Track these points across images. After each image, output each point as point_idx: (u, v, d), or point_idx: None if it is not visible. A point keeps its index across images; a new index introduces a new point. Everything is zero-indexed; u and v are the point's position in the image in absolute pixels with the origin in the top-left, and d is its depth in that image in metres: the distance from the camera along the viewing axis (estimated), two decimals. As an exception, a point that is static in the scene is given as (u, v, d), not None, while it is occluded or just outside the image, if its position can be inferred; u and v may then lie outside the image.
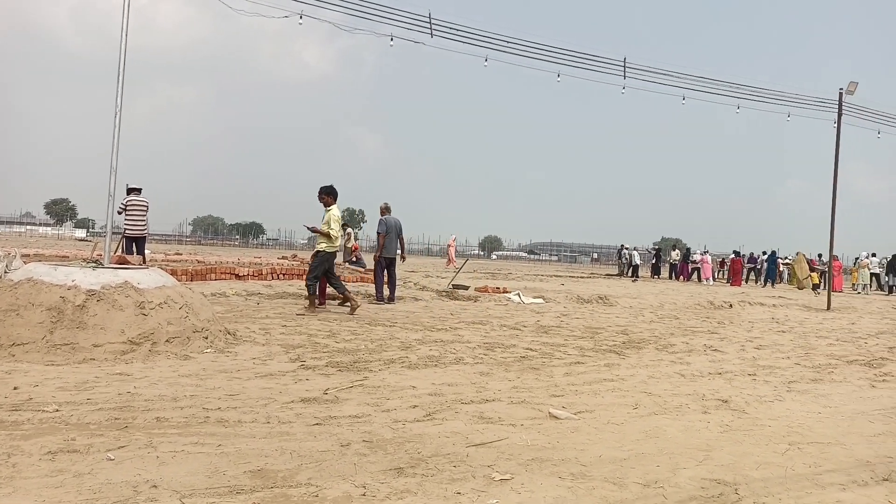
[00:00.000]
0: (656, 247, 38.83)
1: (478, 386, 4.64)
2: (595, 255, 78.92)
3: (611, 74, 16.34)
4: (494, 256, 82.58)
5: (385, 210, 11.13)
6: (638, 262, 32.06)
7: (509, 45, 14.60)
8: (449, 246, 31.71)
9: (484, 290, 13.80)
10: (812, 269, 28.15)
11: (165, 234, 59.99)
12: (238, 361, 5.08)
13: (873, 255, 27.96)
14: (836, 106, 16.18)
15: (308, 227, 9.49)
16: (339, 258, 17.31)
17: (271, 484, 2.57)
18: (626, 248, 33.77)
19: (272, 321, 7.47)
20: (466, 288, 14.05)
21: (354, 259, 17.11)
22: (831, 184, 15.89)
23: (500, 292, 13.59)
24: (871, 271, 27.63)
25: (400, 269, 17.79)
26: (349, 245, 17.58)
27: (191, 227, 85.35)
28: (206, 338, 5.55)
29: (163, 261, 13.03)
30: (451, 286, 14.30)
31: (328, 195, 9.17)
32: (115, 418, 3.35)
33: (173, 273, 10.76)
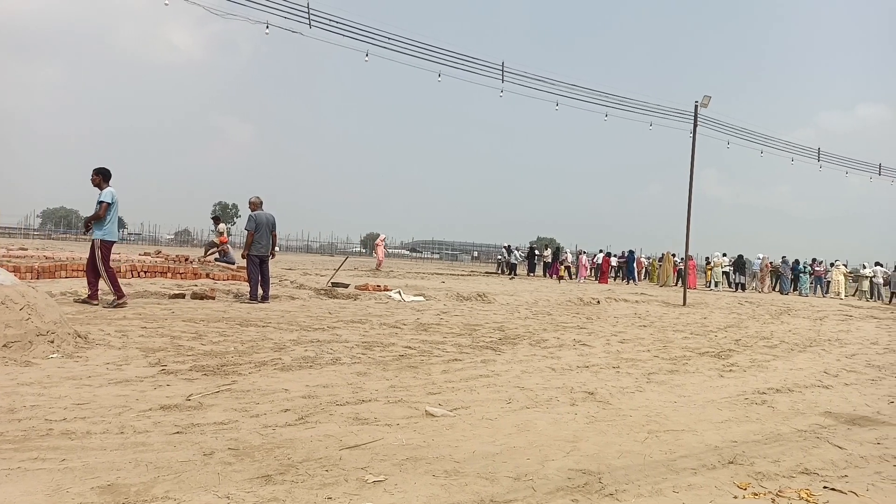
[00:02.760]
0: (532, 246, 40.32)
1: (354, 386, 4.55)
2: (476, 254, 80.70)
3: (490, 77, 16.77)
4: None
5: (256, 205, 10.64)
6: (515, 260, 33.15)
7: (391, 41, 14.58)
8: (377, 245, 29.63)
9: (364, 288, 13.66)
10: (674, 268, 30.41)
11: (9, 228, 54.02)
12: (89, 367, 4.66)
13: (724, 254, 30.67)
14: (693, 117, 17.58)
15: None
16: (206, 255, 16.53)
17: (122, 500, 2.36)
18: (507, 248, 34.76)
19: (130, 322, 6.94)
20: (346, 286, 13.85)
21: (222, 254, 16.30)
22: (687, 188, 17.24)
23: (380, 290, 13.52)
24: (722, 269, 30.28)
25: (276, 266, 17.23)
26: (216, 239, 16.76)
27: (40, 220, 77.93)
28: (53, 342, 5.04)
29: (3, 256, 11.73)
30: (329, 284, 14.04)
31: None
32: (-64, 436, 2.95)
33: (15, 271, 9.76)
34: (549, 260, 33.53)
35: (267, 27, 13.19)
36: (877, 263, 28.24)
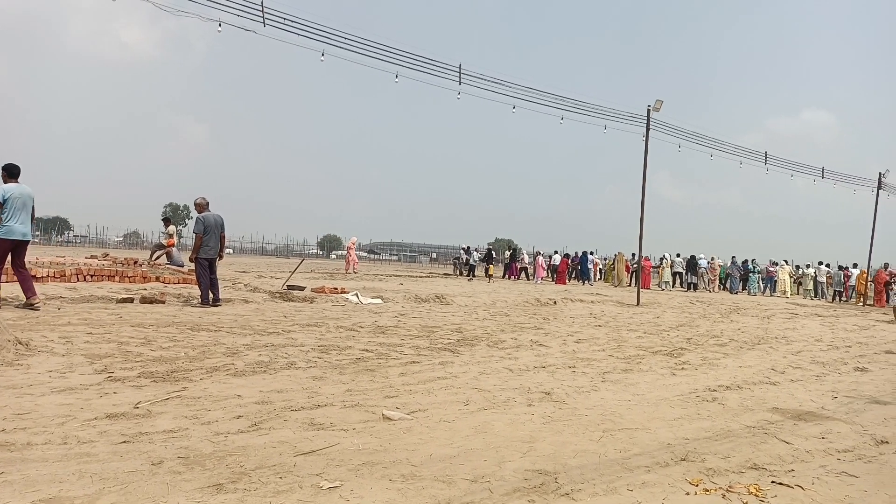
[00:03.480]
0: (489, 247, 40.54)
1: (310, 391, 4.48)
2: (434, 255, 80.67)
3: (447, 79, 16.76)
4: (334, 256, 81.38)
5: (203, 206, 10.32)
6: (474, 261, 33.26)
7: (347, 41, 14.44)
8: (348, 248, 28.82)
9: (321, 290, 13.50)
10: (627, 269, 30.98)
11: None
12: (31, 375, 4.46)
13: (677, 255, 31.39)
14: (645, 121, 17.95)
15: None
16: (158, 257, 16.10)
17: (64, 515, 2.26)
18: (466, 250, 34.80)
19: (75, 328, 6.69)
20: (302, 289, 13.66)
21: (169, 256, 15.88)
22: (640, 191, 17.58)
23: (337, 293, 13.38)
24: (675, 270, 30.99)
25: (229, 269, 16.93)
26: (165, 242, 16.33)
27: (-23, 222, 74.64)
28: (-8, 350, 4.82)
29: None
30: (285, 287, 13.83)
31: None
32: None
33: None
34: (507, 260, 33.78)
35: (220, 25, 12.91)
36: (820, 263, 29.32)
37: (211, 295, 10.01)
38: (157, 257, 16.06)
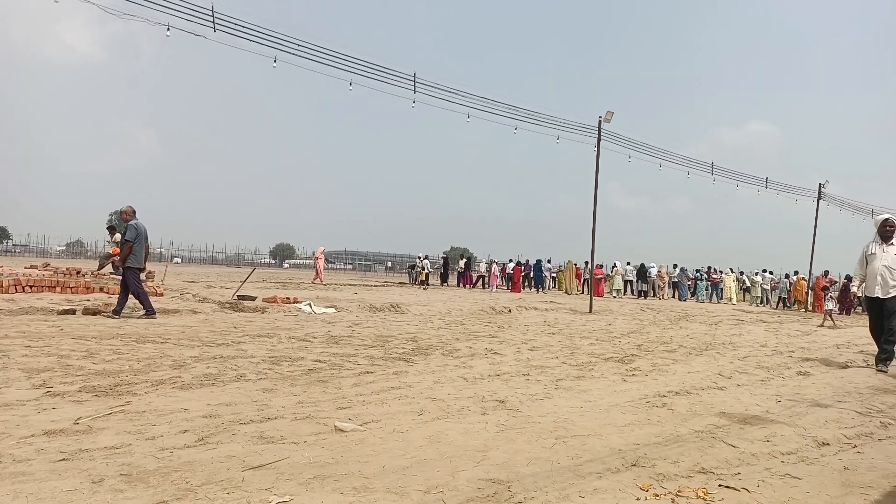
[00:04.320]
0: (445, 255, 40.63)
1: (260, 404, 4.38)
2: (389, 264, 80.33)
3: (402, 87, 16.78)
4: (286, 265, 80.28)
5: (131, 215, 9.98)
6: (428, 270, 33.25)
7: (300, 48, 14.31)
8: (317, 258, 28.30)
9: (273, 300, 13.27)
10: (577, 276, 31.47)
11: None
12: (-38, 392, 4.24)
13: (628, 263, 32.04)
14: (597, 132, 18.30)
15: None
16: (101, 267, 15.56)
17: (-7, 540, 2.14)
18: (423, 258, 34.78)
19: (12, 342, 6.40)
20: (253, 299, 13.40)
21: (116, 267, 15.35)
22: (592, 200, 17.89)
23: (290, 302, 13.18)
24: (626, 278, 31.61)
25: (178, 279, 16.59)
26: (111, 251, 15.81)
27: None
28: (-81, 366, 4.56)
29: None
30: (235, 297, 13.54)
31: None
32: None
33: None
34: (462, 269, 33.90)
35: (168, 29, 12.63)
36: (764, 270, 30.36)
37: (131, 304, 9.58)
38: (103, 266, 15.53)
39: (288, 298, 13.61)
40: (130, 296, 9.68)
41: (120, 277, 14.15)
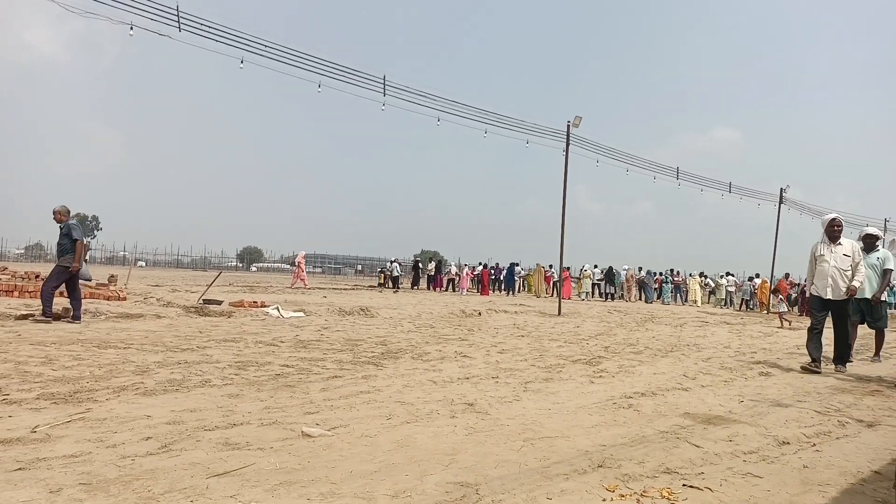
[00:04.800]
0: (416, 258, 40.58)
1: (225, 409, 4.31)
2: (359, 267, 79.86)
3: (372, 90, 16.74)
4: (254, 269, 79.34)
5: (66, 214, 9.62)
6: (398, 273, 33.19)
7: (268, 49, 14.18)
8: (298, 263, 27.96)
9: (240, 304, 13.10)
10: (546, 280, 31.73)
11: None
12: (-88, 401, 4.09)
13: (595, 266, 32.41)
14: (565, 136, 18.49)
15: None
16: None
17: (-57, 554, 2.07)
18: (394, 262, 34.68)
19: (-31, 349, 6.20)
20: (219, 303, 13.21)
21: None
22: (561, 203, 18.07)
23: (257, 307, 13.02)
24: (594, 281, 31.96)
25: (142, 282, 16.38)
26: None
27: None
28: None
29: None
30: (201, 301, 13.33)
31: None
32: None
33: None
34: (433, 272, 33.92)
35: (131, 28, 12.39)
36: (728, 273, 30.98)
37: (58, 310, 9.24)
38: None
39: (255, 302, 13.45)
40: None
41: (81, 281, 13.84)
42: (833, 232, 7.81)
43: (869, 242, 8.74)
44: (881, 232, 9.29)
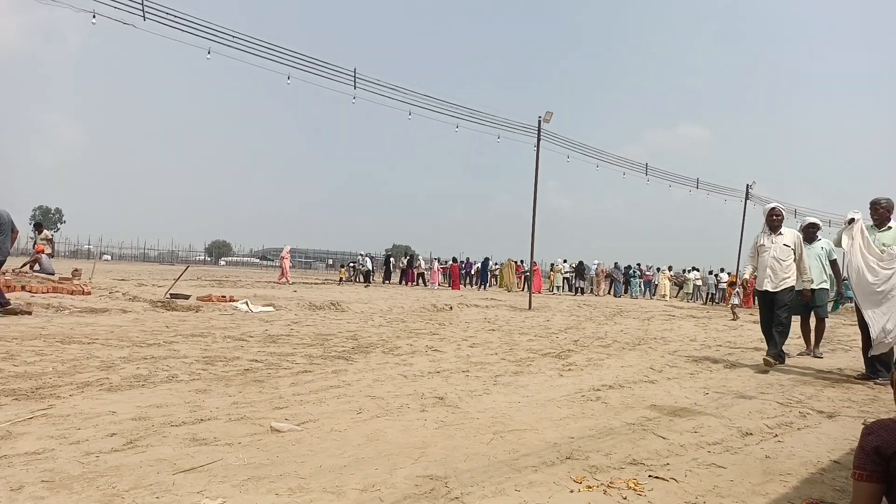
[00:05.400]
0: (388, 253, 40.49)
1: (192, 405, 4.25)
2: (330, 261, 79.30)
3: (342, 83, 16.62)
4: (223, 262, 78.30)
5: None
6: (370, 267, 33.05)
7: (236, 40, 13.97)
8: (283, 258, 27.70)
9: (208, 299, 12.92)
10: (518, 274, 31.92)
11: None
12: None
13: (565, 261, 32.69)
14: (536, 131, 18.58)
15: None
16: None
17: None
18: (365, 256, 34.51)
19: (-76, 344, 6.01)
20: (187, 297, 13.01)
21: (34, 262, 14.62)
22: (532, 199, 18.17)
23: (225, 301, 12.85)
24: (564, 275, 32.25)
25: (107, 276, 16.10)
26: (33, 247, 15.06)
27: None
28: None
29: None
30: (168, 296, 13.12)
31: None
32: None
33: None
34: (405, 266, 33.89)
35: (94, 16, 12.09)
36: (694, 268, 31.51)
37: None
38: (25, 264, 14.77)
39: (224, 297, 13.28)
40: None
41: (43, 275, 13.50)
42: (773, 221, 7.60)
43: (810, 232, 8.73)
44: (821, 222, 9.35)
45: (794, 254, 7.47)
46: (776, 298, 7.40)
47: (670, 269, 32.57)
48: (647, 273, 32.21)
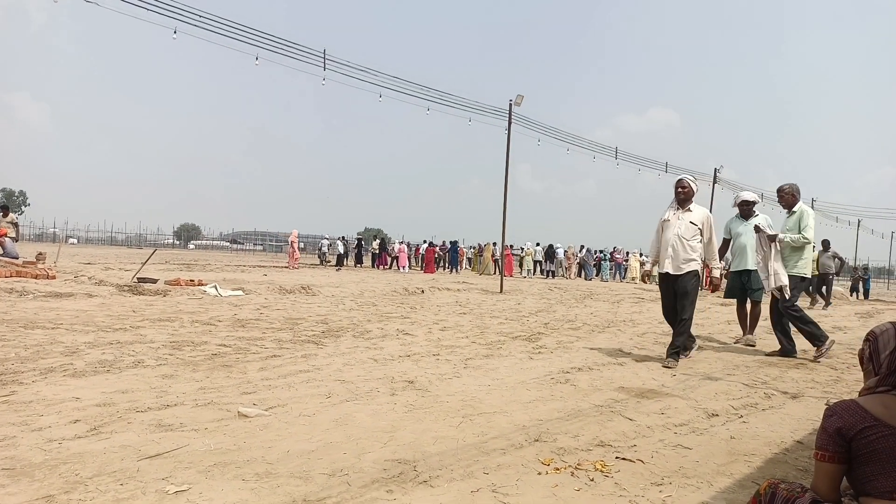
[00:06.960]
0: (359, 237, 40.28)
1: (158, 390, 4.20)
2: (302, 245, 78.64)
3: (312, 65, 16.39)
4: (192, 246, 77.07)
5: None
6: (341, 251, 32.86)
7: (203, 19, 13.66)
8: (291, 242, 27.43)
9: (176, 282, 12.73)
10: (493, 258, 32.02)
11: None
12: None
13: (537, 244, 32.89)
14: (507, 115, 18.57)
15: None
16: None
17: None
18: (341, 239, 34.24)
19: None
20: (155, 281, 12.80)
21: (4, 247, 14.21)
22: (503, 183, 18.20)
23: (194, 285, 12.68)
24: (535, 258, 32.46)
25: (73, 260, 15.79)
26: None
27: None
28: None
29: None
30: (135, 279, 12.89)
31: None
32: None
33: None
34: (377, 250, 33.75)
35: (56, -8, 11.69)
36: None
37: None
38: None
39: (192, 281, 13.09)
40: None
41: (7, 259, 13.15)
42: (679, 195, 6.49)
43: (746, 209, 8.24)
44: (758, 197, 8.76)
45: (701, 234, 6.38)
46: (678, 284, 6.31)
47: (641, 253, 32.99)
48: (618, 256, 32.58)
